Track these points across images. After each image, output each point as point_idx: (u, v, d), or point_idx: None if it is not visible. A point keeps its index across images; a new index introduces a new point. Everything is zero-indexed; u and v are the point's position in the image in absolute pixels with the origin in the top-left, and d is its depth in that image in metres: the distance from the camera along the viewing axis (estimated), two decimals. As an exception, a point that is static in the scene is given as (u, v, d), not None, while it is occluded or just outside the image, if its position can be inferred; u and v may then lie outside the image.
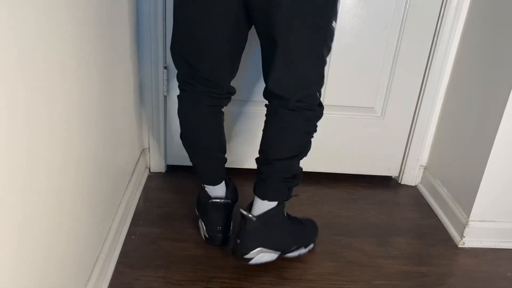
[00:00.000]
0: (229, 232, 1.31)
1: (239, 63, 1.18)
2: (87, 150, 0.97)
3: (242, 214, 1.17)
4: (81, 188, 0.94)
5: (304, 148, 1.16)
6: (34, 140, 0.71)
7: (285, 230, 1.23)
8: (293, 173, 1.17)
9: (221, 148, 1.27)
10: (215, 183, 1.29)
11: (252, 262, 1.19)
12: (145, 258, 1.24)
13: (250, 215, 1.16)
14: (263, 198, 1.17)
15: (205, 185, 1.30)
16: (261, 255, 1.19)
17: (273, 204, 1.17)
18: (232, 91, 1.20)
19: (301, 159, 1.17)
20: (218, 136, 1.24)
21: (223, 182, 1.31)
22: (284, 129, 1.11)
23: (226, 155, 1.31)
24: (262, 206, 1.18)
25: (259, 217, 1.16)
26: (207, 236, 1.29)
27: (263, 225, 1.17)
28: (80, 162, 0.93)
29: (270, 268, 1.25)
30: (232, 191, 1.34)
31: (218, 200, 1.28)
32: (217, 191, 1.29)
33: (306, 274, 1.24)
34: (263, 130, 1.16)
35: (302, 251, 1.29)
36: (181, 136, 1.25)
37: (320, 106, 1.15)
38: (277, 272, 1.24)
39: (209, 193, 1.29)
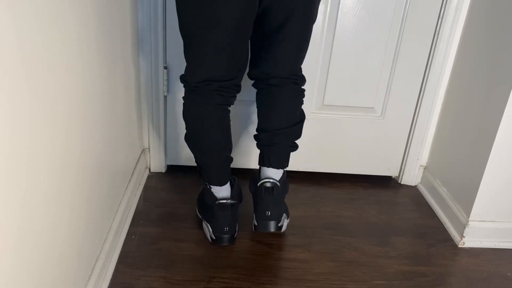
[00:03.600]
0: (236, 232, 1.31)
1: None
2: (87, 150, 0.97)
3: (265, 185, 1.26)
4: (81, 188, 0.94)
5: (303, 113, 1.30)
6: (34, 139, 0.71)
7: (283, 197, 1.34)
8: (296, 138, 1.30)
9: (229, 146, 1.28)
10: (222, 183, 1.28)
11: (283, 229, 1.29)
12: (145, 258, 1.24)
13: (277, 182, 1.26)
14: (277, 167, 1.28)
15: (211, 186, 1.29)
16: (285, 222, 1.30)
17: (282, 171, 1.30)
18: (239, 89, 1.23)
19: (303, 123, 1.30)
20: (226, 134, 1.25)
21: (229, 182, 1.31)
22: (289, 100, 1.24)
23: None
24: (276, 173, 1.28)
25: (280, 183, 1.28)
26: (214, 238, 1.29)
27: (282, 192, 1.30)
28: (80, 162, 0.93)
29: (270, 268, 1.25)
30: (237, 192, 1.34)
31: (225, 201, 1.27)
32: (223, 191, 1.29)
33: (306, 274, 1.24)
34: (265, 105, 1.26)
35: (286, 221, 1.33)
36: (187, 138, 1.26)
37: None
38: (277, 272, 1.24)
39: (215, 194, 1.29)
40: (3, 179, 0.62)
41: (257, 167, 1.67)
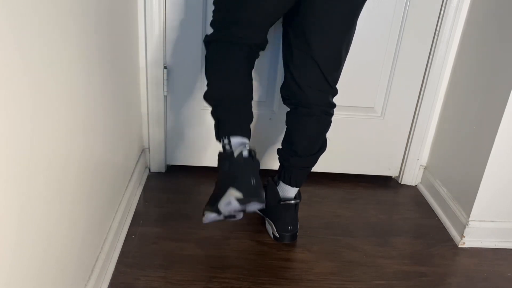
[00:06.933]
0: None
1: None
2: (87, 149, 0.97)
3: (286, 203, 1.32)
4: (81, 188, 0.94)
5: (325, 143, 1.31)
6: (34, 139, 0.71)
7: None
8: (313, 165, 1.33)
9: (251, 95, 1.20)
10: (244, 133, 1.15)
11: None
12: (145, 258, 1.24)
13: (299, 200, 1.35)
14: (296, 186, 1.33)
15: (231, 138, 1.12)
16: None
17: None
18: (265, 45, 1.19)
19: (322, 153, 1.32)
20: (250, 87, 1.19)
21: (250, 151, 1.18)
22: (319, 129, 1.26)
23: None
24: (293, 191, 1.34)
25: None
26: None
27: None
28: (80, 162, 0.93)
29: (270, 268, 1.25)
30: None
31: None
32: (239, 139, 1.14)
33: (306, 274, 1.24)
34: (291, 127, 1.27)
35: None
36: (208, 95, 1.15)
37: None
38: (277, 272, 1.24)
39: (233, 149, 1.12)
40: (3, 179, 0.62)
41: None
